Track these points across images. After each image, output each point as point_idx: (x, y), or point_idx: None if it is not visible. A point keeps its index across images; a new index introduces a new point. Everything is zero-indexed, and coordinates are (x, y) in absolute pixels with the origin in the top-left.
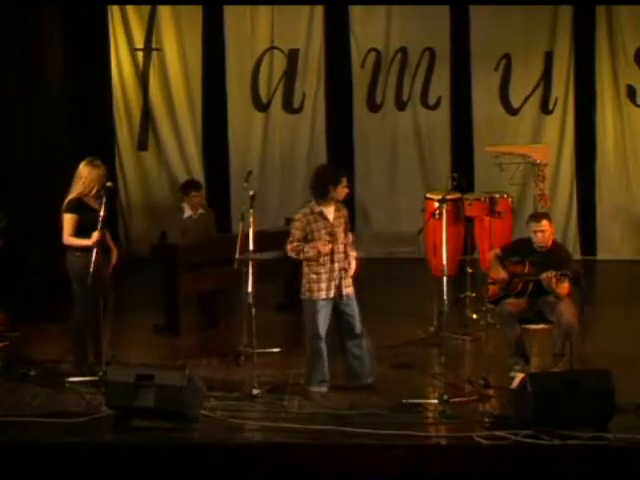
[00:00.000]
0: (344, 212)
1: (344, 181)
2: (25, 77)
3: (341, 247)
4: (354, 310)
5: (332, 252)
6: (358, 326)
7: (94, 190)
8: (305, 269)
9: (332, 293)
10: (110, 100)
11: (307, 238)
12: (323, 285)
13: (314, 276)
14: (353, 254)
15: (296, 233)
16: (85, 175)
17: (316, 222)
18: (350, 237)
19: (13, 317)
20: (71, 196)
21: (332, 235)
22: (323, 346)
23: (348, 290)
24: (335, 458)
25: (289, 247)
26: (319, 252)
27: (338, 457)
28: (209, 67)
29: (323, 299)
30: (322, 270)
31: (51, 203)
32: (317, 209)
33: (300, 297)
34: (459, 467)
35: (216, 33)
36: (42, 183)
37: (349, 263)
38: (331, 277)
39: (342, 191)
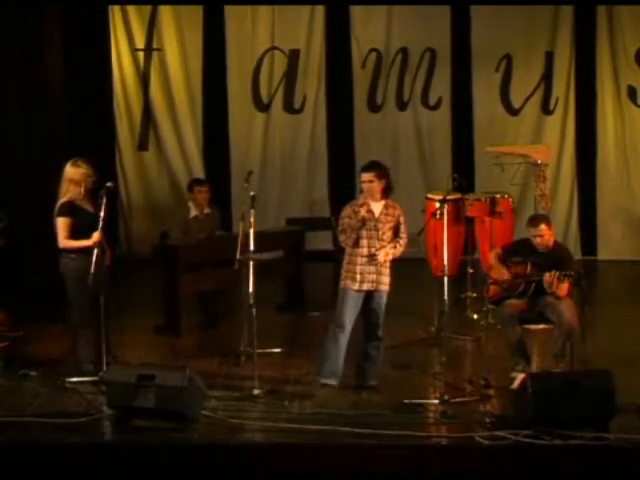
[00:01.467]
0: (396, 212)
1: (360, 176)
2: (25, 77)
3: (383, 244)
4: (382, 310)
5: (369, 247)
6: (381, 328)
7: (83, 191)
8: (345, 259)
9: (365, 286)
10: (110, 100)
11: None
12: (357, 277)
13: (351, 266)
14: (388, 249)
15: (345, 221)
16: (70, 176)
17: (358, 212)
18: (402, 240)
19: (14, 317)
20: (63, 200)
21: (365, 223)
22: (342, 338)
23: (380, 287)
24: (335, 458)
25: (342, 237)
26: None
27: (338, 457)
28: (210, 67)
29: (355, 290)
30: (359, 262)
31: (51, 203)
32: (361, 201)
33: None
34: (459, 467)
35: (217, 33)
36: (42, 183)
37: (377, 255)
38: (367, 270)
39: (361, 186)
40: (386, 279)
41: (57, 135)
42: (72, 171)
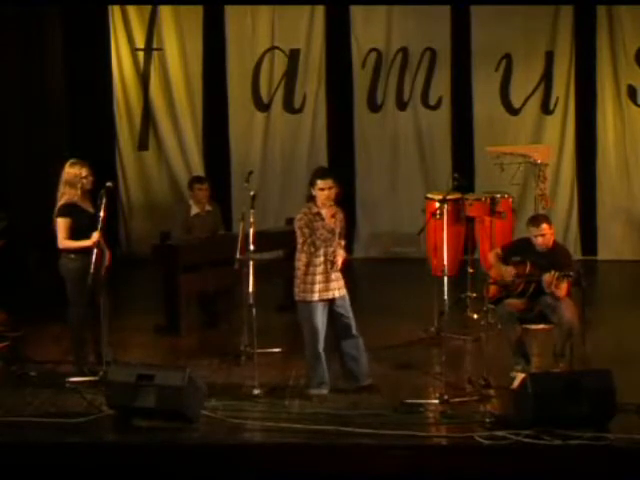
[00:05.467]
0: (340, 216)
1: (320, 183)
2: (25, 77)
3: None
4: (348, 311)
5: (326, 255)
6: (354, 327)
7: (79, 192)
8: (300, 269)
9: (327, 295)
10: (110, 100)
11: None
12: (318, 287)
13: (310, 277)
14: (341, 252)
15: (304, 231)
16: (64, 178)
17: (316, 222)
18: (342, 242)
19: (14, 317)
20: (62, 201)
21: (332, 238)
22: (320, 348)
23: (342, 292)
24: (335, 458)
25: (306, 249)
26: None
27: (338, 457)
28: (210, 67)
29: (318, 300)
30: (318, 272)
31: (51, 203)
32: (314, 210)
33: (294, 298)
34: (459, 467)
35: (217, 33)
36: (42, 184)
37: (336, 261)
38: (327, 278)
39: (320, 194)
40: (342, 282)
41: (57, 135)
42: (66, 173)
